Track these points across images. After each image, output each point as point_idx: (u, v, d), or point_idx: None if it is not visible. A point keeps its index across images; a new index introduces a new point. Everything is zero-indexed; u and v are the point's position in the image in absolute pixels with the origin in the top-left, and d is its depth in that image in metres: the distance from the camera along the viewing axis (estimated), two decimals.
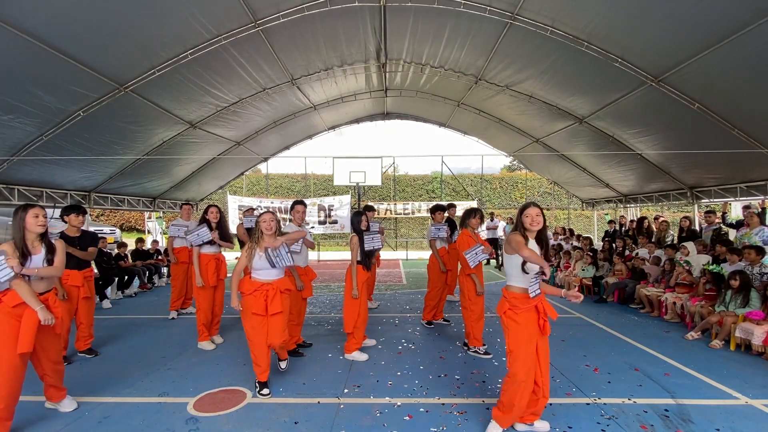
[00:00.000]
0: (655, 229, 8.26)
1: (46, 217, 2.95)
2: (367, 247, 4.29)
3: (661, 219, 8.57)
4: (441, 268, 5.42)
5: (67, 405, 3.19)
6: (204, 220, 4.97)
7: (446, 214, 5.89)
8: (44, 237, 2.99)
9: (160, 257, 9.35)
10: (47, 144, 6.04)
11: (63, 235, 4.27)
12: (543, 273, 2.55)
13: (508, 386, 2.73)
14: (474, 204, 14.50)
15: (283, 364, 3.75)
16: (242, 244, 6.08)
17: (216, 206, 5.17)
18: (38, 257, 2.90)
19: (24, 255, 2.81)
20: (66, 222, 4.32)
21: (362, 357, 4.27)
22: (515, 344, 2.71)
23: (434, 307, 5.54)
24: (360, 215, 4.39)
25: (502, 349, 4.57)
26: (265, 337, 3.41)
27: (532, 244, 2.72)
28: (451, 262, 5.59)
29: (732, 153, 6.12)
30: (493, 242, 13.24)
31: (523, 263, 2.66)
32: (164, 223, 12.93)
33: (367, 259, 4.39)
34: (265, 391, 3.45)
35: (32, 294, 2.77)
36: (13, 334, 2.71)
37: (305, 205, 4.72)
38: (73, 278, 4.23)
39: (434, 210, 5.68)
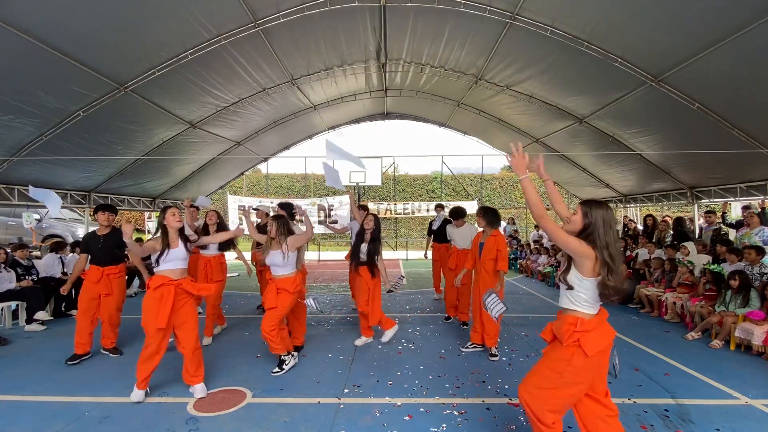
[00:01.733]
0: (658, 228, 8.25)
1: (182, 215, 3.59)
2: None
3: (661, 219, 8.57)
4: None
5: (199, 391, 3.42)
6: (204, 225, 5.04)
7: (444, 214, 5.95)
8: (181, 232, 3.50)
9: None
10: (47, 144, 6.04)
11: (92, 234, 4.44)
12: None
13: None
14: (474, 204, 14.50)
15: (275, 369, 3.88)
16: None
17: (215, 211, 5.19)
18: (176, 251, 3.40)
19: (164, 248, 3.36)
20: (95, 220, 4.47)
21: (359, 341, 4.77)
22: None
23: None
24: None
25: (502, 350, 4.57)
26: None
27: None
28: (451, 261, 5.64)
29: (732, 153, 6.11)
30: None
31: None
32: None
33: (354, 257, 4.76)
34: (276, 370, 3.89)
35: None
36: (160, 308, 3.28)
37: (291, 208, 4.89)
38: (92, 274, 4.30)
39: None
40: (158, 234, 3.43)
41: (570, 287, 2.10)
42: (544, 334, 2.31)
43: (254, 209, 6.83)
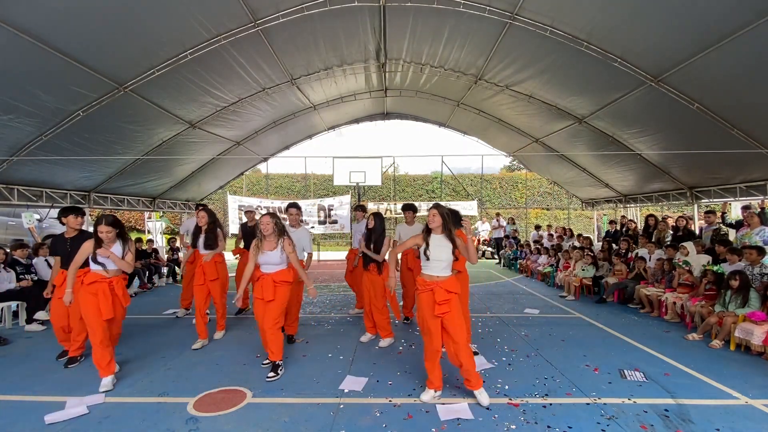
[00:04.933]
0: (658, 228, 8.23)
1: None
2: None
3: (661, 219, 8.57)
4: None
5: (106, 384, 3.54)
6: (196, 225, 4.95)
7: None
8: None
9: (158, 257, 9.36)
10: (47, 144, 6.04)
11: (60, 237, 4.36)
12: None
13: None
14: (474, 204, 14.51)
15: (270, 375, 3.77)
16: (245, 242, 6.20)
17: (204, 208, 4.98)
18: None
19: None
20: (64, 223, 4.34)
21: (364, 338, 4.91)
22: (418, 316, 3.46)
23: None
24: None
25: (502, 350, 4.58)
26: (261, 320, 3.83)
27: (437, 239, 3.37)
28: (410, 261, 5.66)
29: (732, 153, 6.11)
30: (498, 242, 13.27)
31: (425, 250, 3.34)
32: (168, 221, 12.90)
33: (363, 257, 4.83)
34: (271, 374, 3.76)
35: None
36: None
37: (298, 209, 4.94)
38: (63, 279, 4.26)
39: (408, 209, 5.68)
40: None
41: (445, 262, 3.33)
42: (442, 295, 3.25)
43: (246, 211, 6.81)
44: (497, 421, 3.01)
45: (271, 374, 3.76)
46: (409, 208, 5.60)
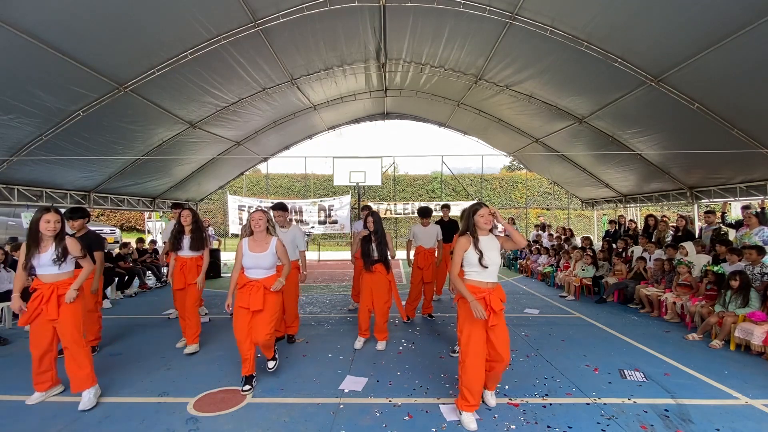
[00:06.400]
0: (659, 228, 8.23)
1: (58, 222, 3.25)
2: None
3: (661, 219, 8.56)
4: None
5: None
6: (178, 224, 4.60)
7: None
8: (58, 238, 3.26)
9: (158, 256, 9.36)
10: (47, 144, 6.04)
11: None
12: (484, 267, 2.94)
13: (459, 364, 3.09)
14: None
15: (270, 364, 3.78)
16: None
17: (190, 209, 4.62)
18: (46, 255, 3.21)
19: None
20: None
21: (358, 344, 4.66)
22: (462, 326, 3.06)
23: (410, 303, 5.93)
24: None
25: None
26: (246, 332, 3.48)
27: (487, 241, 3.00)
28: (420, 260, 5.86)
29: (732, 153, 6.12)
30: None
31: (480, 258, 2.94)
32: (168, 221, 12.93)
33: (366, 258, 4.64)
34: (246, 387, 3.50)
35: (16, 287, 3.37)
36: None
37: (285, 210, 4.74)
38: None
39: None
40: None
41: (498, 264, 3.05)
42: (498, 304, 2.95)
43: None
44: (497, 421, 3.01)
45: (272, 363, 3.78)
46: (428, 214, 5.85)
